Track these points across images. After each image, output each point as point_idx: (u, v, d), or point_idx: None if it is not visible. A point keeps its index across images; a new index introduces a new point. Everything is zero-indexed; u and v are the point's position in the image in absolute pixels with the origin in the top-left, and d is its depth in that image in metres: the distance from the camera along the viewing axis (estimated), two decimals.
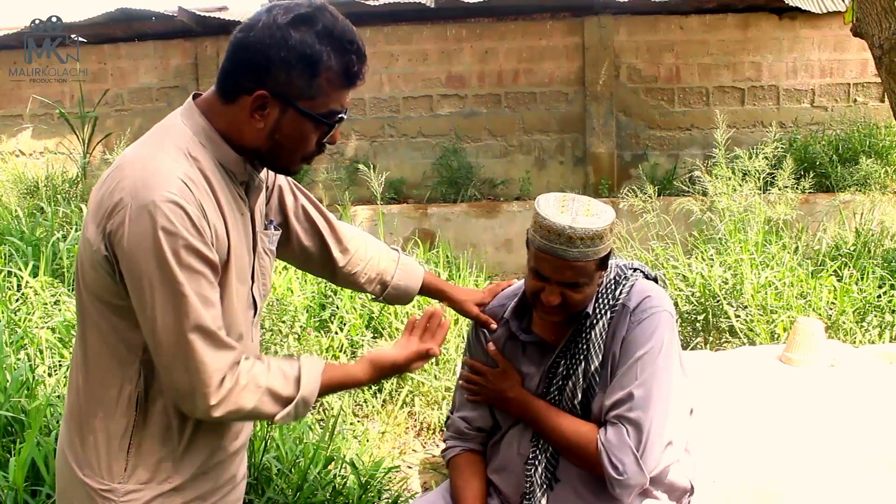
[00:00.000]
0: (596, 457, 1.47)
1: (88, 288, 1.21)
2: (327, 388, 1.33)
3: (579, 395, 1.53)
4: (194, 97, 1.27)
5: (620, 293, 1.54)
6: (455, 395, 1.77)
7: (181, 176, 1.15)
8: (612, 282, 1.56)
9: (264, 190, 1.41)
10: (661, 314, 1.51)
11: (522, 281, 1.72)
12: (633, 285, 1.56)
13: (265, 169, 1.36)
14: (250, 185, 1.31)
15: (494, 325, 1.68)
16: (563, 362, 1.56)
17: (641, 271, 1.62)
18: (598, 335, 1.52)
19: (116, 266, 1.15)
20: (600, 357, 1.52)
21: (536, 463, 1.55)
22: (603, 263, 1.50)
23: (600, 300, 1.55)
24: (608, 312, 1.53)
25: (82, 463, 1.25)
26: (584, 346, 1.53)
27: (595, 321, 1.53)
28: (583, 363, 1.52)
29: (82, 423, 1.25)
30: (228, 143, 1.24)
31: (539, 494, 1.53)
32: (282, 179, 1.50)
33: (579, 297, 1.49)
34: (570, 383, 1.54)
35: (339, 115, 1.24)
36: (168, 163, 1.16)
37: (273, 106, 1.19)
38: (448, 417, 1.77)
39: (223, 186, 1.23)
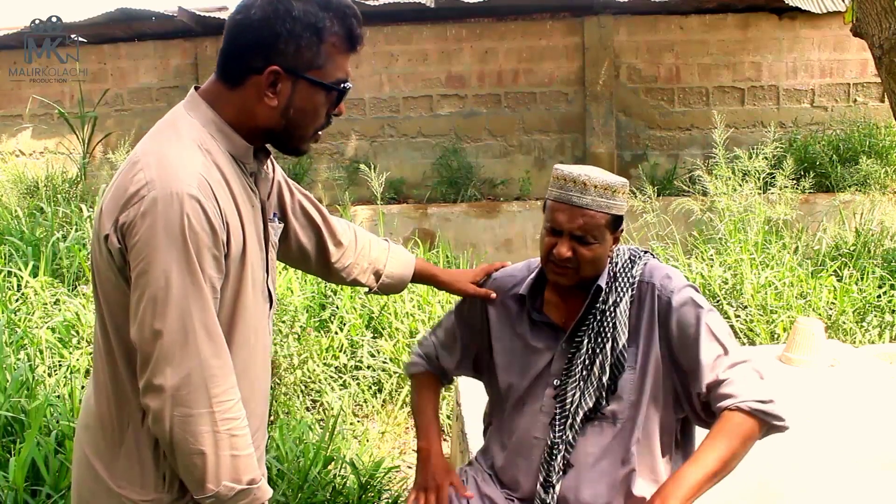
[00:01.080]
0: (759, 425, 1.45)
1: (108, 296, 1.18)
2: None
3: (607, 371, 1.55)
4: (195, 89, 1.26)
5: (637, 270, 1.60)
6: (444, 320, 1.83)
7: (200, 170, 1.14)
8: (629, 261, 1.61)
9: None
10: (686, 288, 1.58)
11: (524, 262, 1.77)
12: (646, 263, 1.62)
13: (267, 162, 1.36)
14: (258, 175, 1.30)
15: (494, 295, 1.71)
16: (586, 342, 1.57)
17: (651, 254, 1.68)
18: (623, 312, 1.56)
19: (125, 259, 1.12)
20: (627, 333, 1.55)
21: (555, 451, 1.56)
22: (614, 226, 1.55)
23: (619, 278, 1.59)
24: (629, 290, 1.58)
25: (117, 475, 1.21)
26: (610, 324, 1.56)
27: (619, 298, 1.57)
28: (610, 340, 1.55)
29: (115, 434, 1.21)
30: (238, 132, 1.22)
31: (555, 481, 1.55)
32: (280, 176, 1.49)
33: (589, 254, 1.53)
34: (598, 360, 1.56)
35: (346, 83, 1.25)
36: (185, 156, 1.14)
37: (285, 81, 1.19)
38: (426, 337, 1.85)
39: (236, 178, 1.22)
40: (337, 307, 3.95)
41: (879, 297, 4.07)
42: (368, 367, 3.70)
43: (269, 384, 1.38)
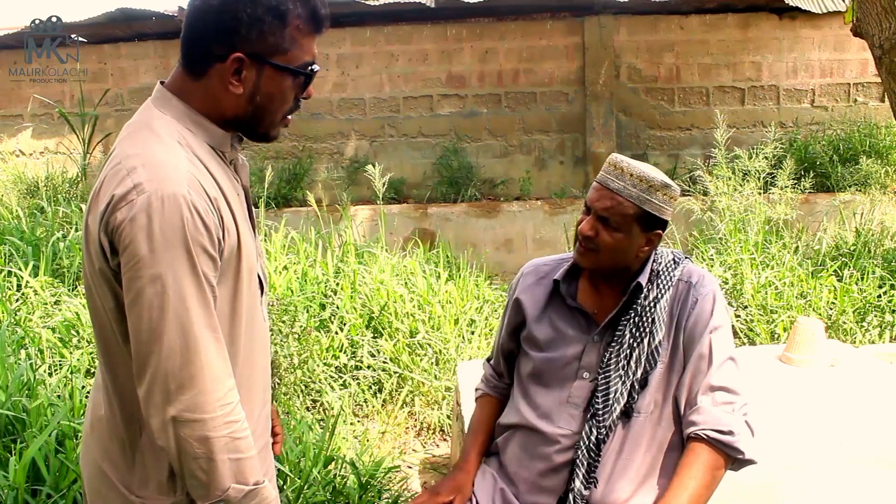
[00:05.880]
0: (723, 457, 1.50)
1: (108, 304, 1.15)
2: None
3: (642, 366, 1.58)
4: (161, 83, 1.22)
5: (679, 271, 1.64)
6: (498, 327, 1.86)
7: (189, 168, 1.11)
8: (672, 262, 1.66)
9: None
10: (711, 295, 1.61)
11: (559, 255, 1.80)
12: (686, 265, 1.67)
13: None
14: (237, 163, 1.28)
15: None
16: (627, 336, 1.60)
17: (689, 258, 1.73)
18: (663, 308, 1.60)
19: (119, 265, 1.09)
20: (663, 330, 1.58)
21: (591, 445, 1.58)
22: (646, 223, 1.56)
23: (661, 276, 1.62)
24: (671, 289, 1.61)
25: (132, 484, 1.19)
26: (650, 319, 1.59)
27: (660, 295, 1.60)
28: (648, 335, 1.58)
29: (126, 443, 1.19)
30: (212, 121, 1.19)
31: (583, 475, 1.57)
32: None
33: (609, 240, 1.55)
34: (636, 355, 1.58)
35: (313, 66, 1.22)
36: (170, 156, 1.11)
37: (249, 68, 1.16)
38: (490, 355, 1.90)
39: (219, 169, 1.19)
40: (337, 307, 3.94)
41: (879, 297, 4.07)
42: (368, 367, 3.70)
43: (269, 374, 1.35)
